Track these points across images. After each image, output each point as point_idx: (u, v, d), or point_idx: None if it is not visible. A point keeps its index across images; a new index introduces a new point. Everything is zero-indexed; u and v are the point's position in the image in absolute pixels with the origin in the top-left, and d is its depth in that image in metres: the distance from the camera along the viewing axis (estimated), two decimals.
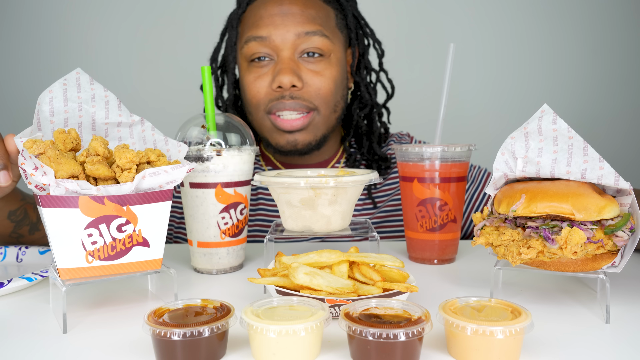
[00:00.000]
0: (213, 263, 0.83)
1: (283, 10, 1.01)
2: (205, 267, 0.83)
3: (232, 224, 0.82)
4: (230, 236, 0.82)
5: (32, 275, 0.74)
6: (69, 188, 0.59)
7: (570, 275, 0.62)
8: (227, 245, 0.83)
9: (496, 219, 0.66)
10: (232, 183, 0.81)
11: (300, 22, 1.01)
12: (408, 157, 0.87)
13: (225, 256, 0.83)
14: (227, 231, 0.82)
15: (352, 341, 0.49)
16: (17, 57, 1.96)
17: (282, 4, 1.01)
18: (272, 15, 1.01)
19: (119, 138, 0.72)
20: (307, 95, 1.04)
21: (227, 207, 0.81)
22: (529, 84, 2.03)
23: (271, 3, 1.02)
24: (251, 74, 1.05)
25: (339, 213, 0.76)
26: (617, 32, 2.01)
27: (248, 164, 0.84)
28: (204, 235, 0.82)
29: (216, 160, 0.80)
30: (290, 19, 1.00)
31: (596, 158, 0.61)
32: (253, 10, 1.05)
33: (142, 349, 0.54)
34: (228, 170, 0.81)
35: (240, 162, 0.82)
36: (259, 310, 0.53)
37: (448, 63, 0.88)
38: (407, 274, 0.65)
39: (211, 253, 0.83)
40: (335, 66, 1.06)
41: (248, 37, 1.03)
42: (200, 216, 0.82)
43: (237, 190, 0.82)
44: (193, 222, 0.83)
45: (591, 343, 0.55)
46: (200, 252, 0.83)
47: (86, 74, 0.69)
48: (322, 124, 1.08)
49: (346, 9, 1.10)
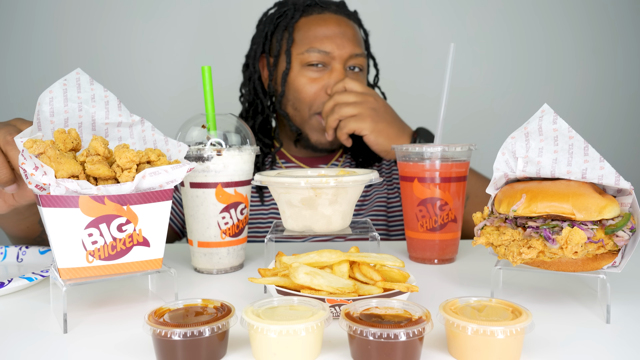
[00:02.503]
0: (213, 263, 0.83)
1: (342, 31, 1.19)
2: (206, 267, 0.83)
3: (233, 223, 0.82)
4: (230, 236, 0.83)
5: (33, 275, 0.74)
6: (69, 188, 0.59)
7: (571, 275, 0.62)
8: (228, 245, 0.83)
9: (497, 219, 0.66)
10: (233, 183, 0.81)
11: (354, 44, 1.19)
12: (408, 157, 0.87)
13: (226, 256, 0.83)
14: (227, 231, 0.82)
15: (353, 341, 0.49)
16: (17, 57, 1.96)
17: (340, 25, 1.19)
18: (334, 34, 1.18)
19: (119, 138, 0.72)
20: None
21: (228, 207, 0.82)
22: (529, 84, 2.03)
23: (331, 22, 1.20)
24: (305, 76, 1.19)
25: (340, 213, 0.76)
26: (618, 32, 2.01)
27: (248, 163, 0.84)
28: (204, 235, 0.82)
29: (216, 160, 0.80)
30: (347, 40, 1.18)
31: (597, 158, 0.61)
32: (313, 22, 1.20)
33: (142, 349, 0.54)
34: (228, 170, 0.81)
35: (240, 161, 0.82)
36: (260, 310, 0.53)
37: (448, 63, 0.88)
38: (407, 274, 0.65)
39: (211, 253, 0.83)
40: (365, 78, 1.26)
41: (311, 48, 1.18)
42: (200, 216, 0.82)
43: (238, 190, 0.82)
44: (193, 222, 0.83)
45: (591, 343, 0.55)
46: (201, 252, 0.83)
47: (86, 74, 0.69)
48: None
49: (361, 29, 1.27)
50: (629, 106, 2.06)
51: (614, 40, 2.02)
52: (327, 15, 1.21)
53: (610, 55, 2.03)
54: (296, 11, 1.22)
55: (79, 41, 1.96)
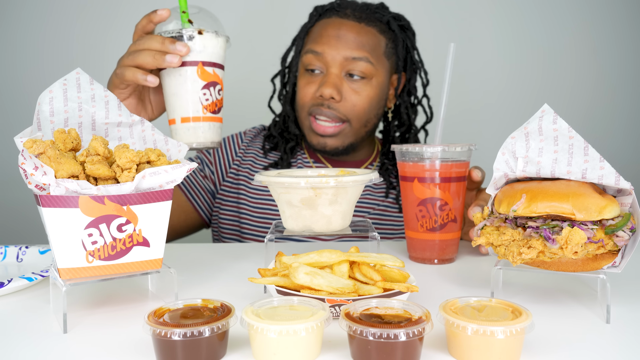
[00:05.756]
0: (197, 136, 0.87)
1: (339, 34, 1.17)
2: (189, 141, 0.88)
3: (212, 100, 0.87)
4: (210, 112, 0.87)
5: (33, 275, 0.74)
6: (69, 188, 0.59)
7: (571, 275, 0.62)
8: (209, 120, 0.87)
9: (497, 219, 0.66)
10: (211, 63, 0.86)
11: (350, 48, 1.16)
12: (408, 157, 0.87)
13: (208, 130, 0.88)
14: (208, 107, 0.87)
15: (353, 341, 0.49)
16: (17, 57, 1.96)
17: (340, 28, 1.18)
18: (329, 36, 1.18)
19: (119, 138, 0.72)
20: (343, 108, 1.18)
21: (208, 85, 0.86)
22: (529, 84, 2.03)
23: (332, 25, 1.19)
24: (304, 80, 1.22)
25: (340, 213, 0.76)
26: (618, 32, 2.01)
27: (223, 50, 0.89)
28: (188, 111, 0.86)
29: (197, 40, 0.84)
30: (343, 42, 1.17)
31: (597, 158, 0.61)
32: (319, 26, 1.22)
33: (142, 349, 0.54)
34: (207, 50, 0.86)
35: (217, 45, 0.87)
36: (260, 310, 0.53)
37: (448, 63, 0.88)
38: (407, 274, 0.65)
39: (195, 127, 0.87)
40: (374, 88, 1.20)
41: (307, 49, 1.21)
42: (183, 93, 0.86)
43: (215, 71, 0.87)
44: (176, 100, 0.87)
45: (591, 343, 0.55)
46: (184, 127, 0.87)
47: (86, 74, 0.69)
48: (352, 134, 1.22)
49: (398, 39, 1.24)
50: (629, 106, 2.06)
51: (613, 41, 2.02)
52: (333, 19, 1.21)
53: (609, 55, 2.03)
54: (314, 17, 1.25)
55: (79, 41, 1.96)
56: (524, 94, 2.03)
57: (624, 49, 2.02)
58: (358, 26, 1.19)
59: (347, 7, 1.22)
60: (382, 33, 1.22)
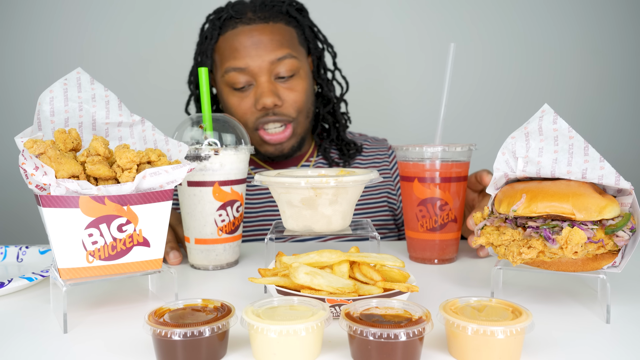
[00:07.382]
0: (210, 259, 0.85)
1: (254, 41, 1.15)
2: (202, 263, 0.85)
3: (229, 221, 0.84)
4: (227, 233, 0.85)
5: (33, 275, 0.74)
6: (69, 188, 0.59)
7: (571, 275, 0.62)
8: (224, 242, 0.85)
9: (497, 219, 0.66)
10: (229, 181, 0.83)
11: (271, 50, 1.15)
12: (409, 156, 0.87)
13: (222, 252, 0.85)
14: (224, 228, 0.84)
15: (353, 341, 0.49)
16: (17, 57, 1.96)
17: (252, 35, 1.15)
18: (246, 47, 1.15)
19: (119, 138, 0.72)
20: (287, 110, 1.19)
21: (224, 205, 0.83)
22: (529, 84, 2.03)
23: (242, 35, 1.16)
24: (234, 98, 1.19)
25: (340, 213, 0.76)
26: (618, 32, 2.01)
27: (244, 162, 0.86)
28: (202, 233, 0.84)
29: (214, 159, 0.82)
30: (262, 48, 1.14)
31: (597, 158, 0.61)
32: (226, 41, 1.17)
33: (142, 349, 0.54)
34: (225, 168, 0.83)
35: (236, 160, 0.84)
36: (260, 310, 0.53)
37: (448, 63, 0.88)
38: (407, 274, 0.65)
39: (208, 249, 0.84)
40: (304, 79, 1.21)
41: (227, 67, 1.16)
42: (197, 214, 0.83)
43: (234, 189, 0.84)
44: (190, 219, 0.84)
45: (591, 343, 0.55)
46: (198, 248, 0.85)
47: (87, 73, 0.69)
48: (300, 129, 1.24)
49: (303, 24, 1.23)
50: (629, 106, 2.06)
51: (614, 41, 2.02)
52: (239, 29, 1.16)
53: (609, 55, 2.03)
54: (214, 31, 1.19)
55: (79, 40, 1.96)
56: (524, 93, 2.03)
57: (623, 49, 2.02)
58: (268, 26, 1.16)
59: (245, 11, 1.18)
60: (289, 24, 1.21)
